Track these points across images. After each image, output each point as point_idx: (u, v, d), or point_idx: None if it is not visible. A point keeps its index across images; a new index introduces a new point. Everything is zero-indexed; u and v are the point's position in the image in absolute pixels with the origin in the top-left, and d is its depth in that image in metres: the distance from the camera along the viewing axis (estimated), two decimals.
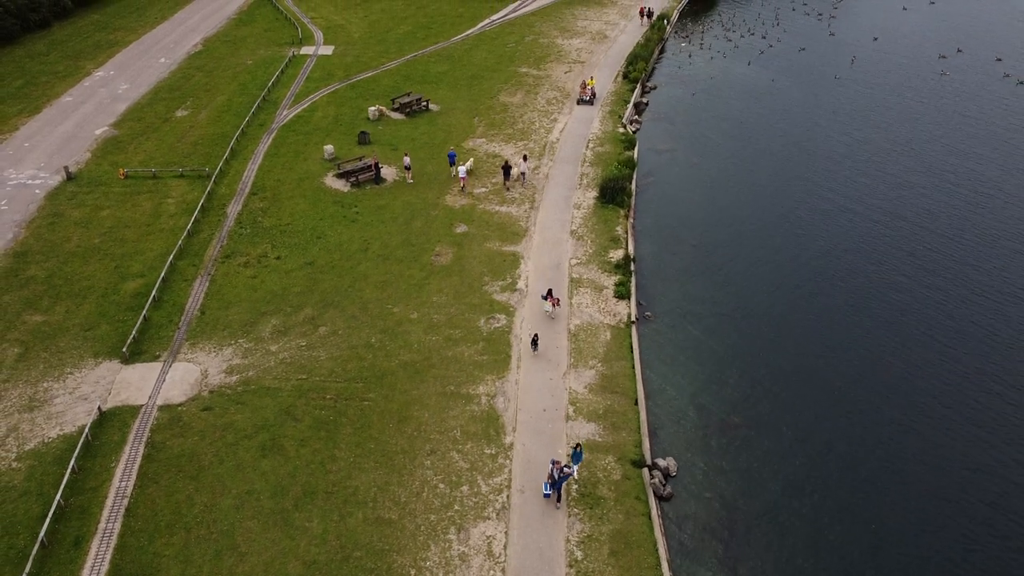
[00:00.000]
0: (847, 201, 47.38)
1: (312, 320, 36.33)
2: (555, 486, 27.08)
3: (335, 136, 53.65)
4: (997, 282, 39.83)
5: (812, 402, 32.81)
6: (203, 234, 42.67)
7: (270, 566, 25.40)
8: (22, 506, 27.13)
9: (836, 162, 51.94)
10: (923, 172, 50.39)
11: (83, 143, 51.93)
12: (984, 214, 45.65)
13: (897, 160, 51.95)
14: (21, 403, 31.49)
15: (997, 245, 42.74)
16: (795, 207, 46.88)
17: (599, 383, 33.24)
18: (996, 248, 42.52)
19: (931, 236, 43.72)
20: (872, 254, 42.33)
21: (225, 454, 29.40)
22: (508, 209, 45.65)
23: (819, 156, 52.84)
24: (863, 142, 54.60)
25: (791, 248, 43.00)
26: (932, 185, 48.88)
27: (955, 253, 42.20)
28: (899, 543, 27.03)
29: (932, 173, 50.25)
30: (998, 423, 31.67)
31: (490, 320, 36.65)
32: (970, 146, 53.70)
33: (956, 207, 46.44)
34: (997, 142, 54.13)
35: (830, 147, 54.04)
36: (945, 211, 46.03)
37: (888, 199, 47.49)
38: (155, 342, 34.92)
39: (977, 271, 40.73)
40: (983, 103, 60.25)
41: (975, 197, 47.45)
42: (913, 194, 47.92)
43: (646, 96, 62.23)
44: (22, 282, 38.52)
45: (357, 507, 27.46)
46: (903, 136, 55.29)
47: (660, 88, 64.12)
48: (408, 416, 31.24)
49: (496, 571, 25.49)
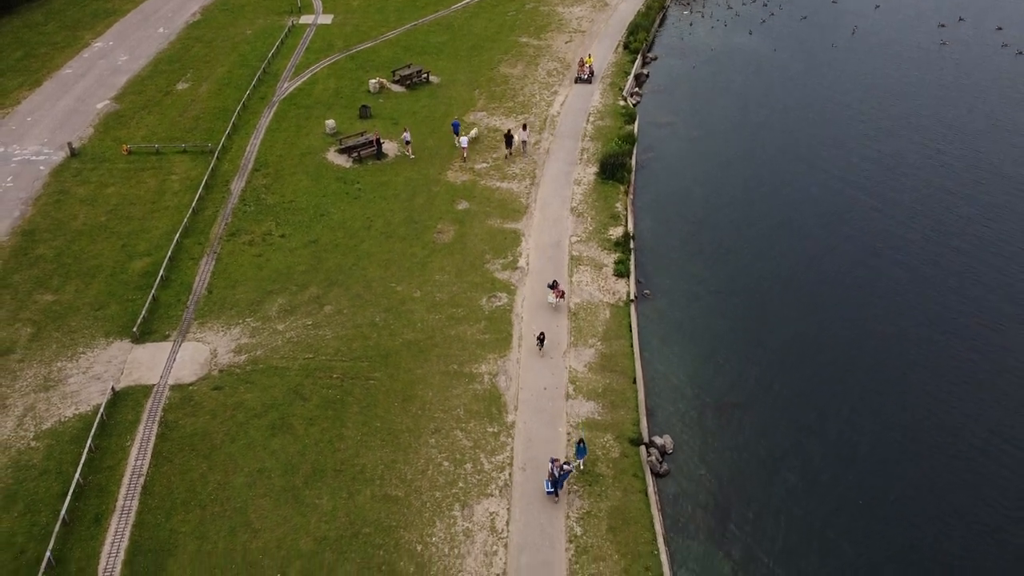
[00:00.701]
0: (848, 175, 47.82)
1: (317, 299, 37.08)
2: (557, 484, 27.63)
3: (336, 110, 53.81)
4: (999, 258, 40.48)
5: (808, 381, 33.72)
6: (208, 212, 43.20)
7: (283, 542, 26.52)
8: (43, 484, 28.17)
9: (837, 135, 52.23)
10: (923, 145, 50.71)
11: (85, 118, 52.10)
12: (985, 187, 46.12)
13: (897, 133, 52.23)
14: (36, 383, 32.39)
15: (997, 219, 43.31)
16: (795, 181, 47.34)
17: (598, 362, 34.13)
18: (995, 222, 43.09)
19: (932, 212, 44.27)
20: (873, 230, 42.93)
21: (236, 433, 30.38)
22: (509, 185, 46.11)
23: (820, 129, 53.11)
24: (864, 114, 54.79)
25: (791, 224, 43.58)
26: (932, 158, 49.25)
27: (955, 229, 42.80)
28: (890, 520, 28.15)
29: (932, 146, 50.58)
30: (997, 400, 32.60)
31: (492, 299, 37.41)
32: (968, 119, 53.92)
33: (956, 181, 46.89)
34: (994, 114, 54.32)
35: (831, 119, 54.26)
36: (946, 186, 46.49)
37: (889, 174, 47.91)
38: (164, 321, 35.71)
39: (978, 248, 41.37)
40: (982, 74, 60.25)
41: (975, 171, 47.85)
42: (914, 169, 48.34)
43: (647, 67, 62.16)
44: (31, 261, 39.16)
45: (365, 484, 28.52)
46: (903, 109, 55.46)
47: (661, 59, 64.00)
48: (413, 395, 32.18)
49: (499, 547, 26.63)
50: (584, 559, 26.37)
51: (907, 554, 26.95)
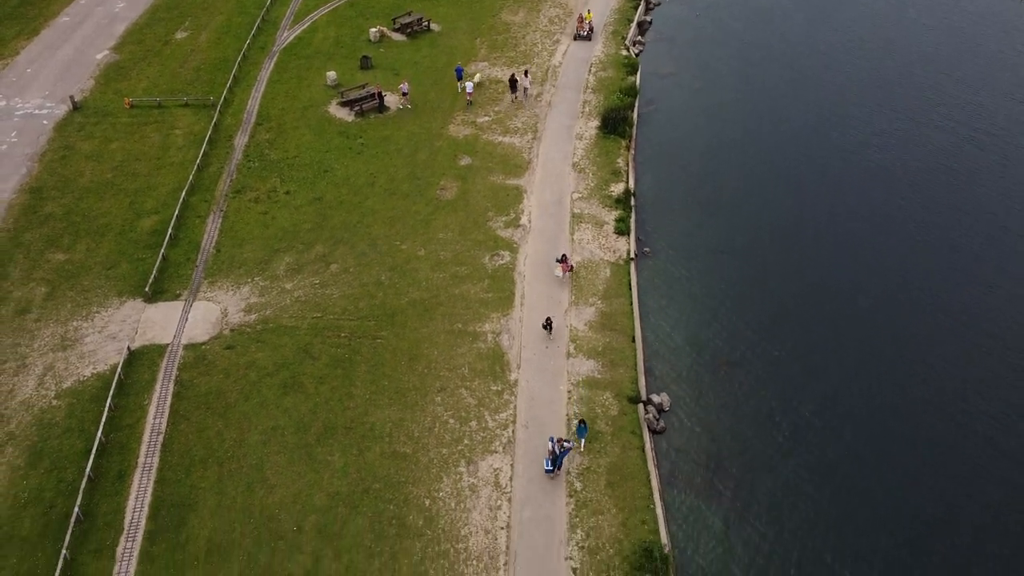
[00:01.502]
0: (857, 129, 47.89)
1: (324, 257, 37.84)
2: (556, 461, 28.45)
3: (337, 60, 53.53)
4: (1007, 218, 40.99)
5: (803, 340, 34.73)
6: (212, 168, 43.57)
7: (298, 497, 27.93)
8: (67, 442, 29.46)
9: (845, 85, 52.10)
10: (931, 100, 50.62)
11: (86, 69, 51.89)
12: (992, 144, 46.31)
13: (910, 83, 52.07)
14: (54, 342, 33.43)
15: (1002, 179, 43.72)
16: (799, 135, 47.51)
17: (599, 320, 35.11)
18: (1000, 182, 43.52)
19: (940, 169, 44.57)
20: (878, 187, 43.29)
21: (249, 391, 31.55)
22: (511, 140, 46.34)
23: (823, 79, 52.93)
24: (875, 63, 54.49)
25: (792, 180, 44.00)
26: (946, 108, 49.23)
27: (962, 186, 43.19)
28: (876, 477, 29.52)
29: (946, 96, 50.48)
30: (992, 356, 33.60)
31: (494, 257, 38.16)
32: (983, 66, 53.68)
33: (972, 135, 46.87)
34: (1002, 66, 54.06)
35: (840, 67, 54.01)
36: (961, 140, 46.53)
37: (900, 126, 47.95)
38: (175, 281, 36.56)
39: (985, 208, 41.88)
40: (995, 18, 59.66)
41: (989, 121, 47.78)
42: (926, 120, 48.32)
43: (649, 14, 61.44)
44: (41, 219, 39.78)
45: (374, 442, 29.82)
46: (914, 56, 55.12)
47: (664, 4, 63.16)
48: (419, 354, 33.25)
49: (503, 501, 28.06)
50: (584, 513, 27.82)
51: (891, 511, 28.39)
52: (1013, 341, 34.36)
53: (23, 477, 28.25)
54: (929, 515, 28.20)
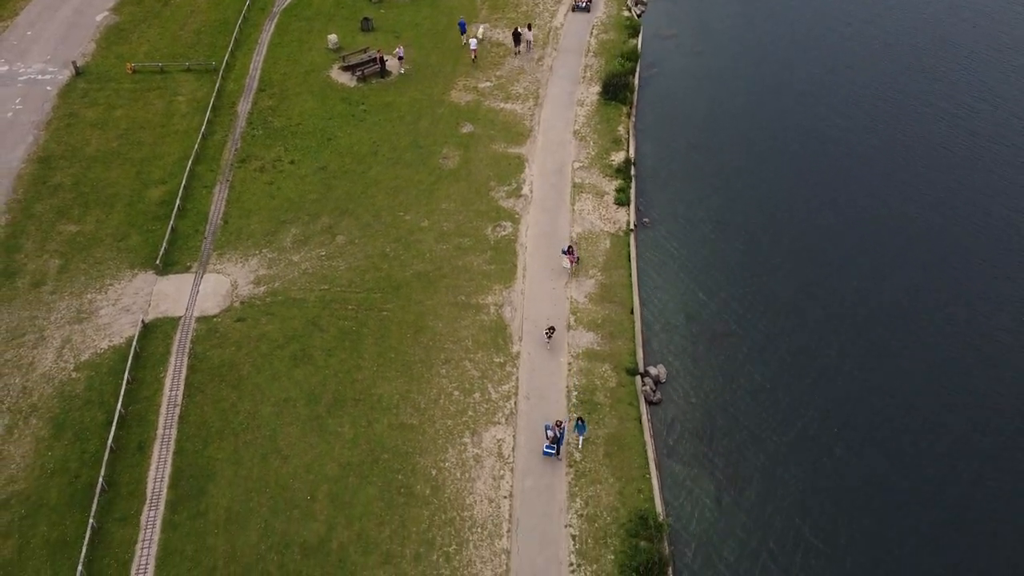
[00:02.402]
0: (860, 98, 48.09)
1: (329, 229, 38.62)
2: (556, 444, 29.42)
3: (337, 21, 53.36)
4: (1008, 201, 41.64)
5: (798, 313, 35.76)
6: (217, 136, 43.99)
7: (311, 467, 29.33)
8: (87, 414, 30.75)
9: (848, 48, 52.05)
10: (945, 69, 50.57)
11: (86, 31, 51.77)
12: (1010, 125, 46.55)
13: (916, 52, 52.01)
14: (70, 315, 34.47)
15: (1007, 166, 44.22)
16: (802, 102, 47.75)
17: (598, 292, 36.10)
18: (1003, 167, 44.02)
19: (950, 142, 44.88)
20: (883, 156, 43.76)
21: (261, 364, 32.73)
22: (513, 107, 46.62)
23: (829, 42, 52.83)
24: (878, 29, 54.31)
25: (792, 150, 44.45)
26: (952, 82, 49.40)
27: (970, 161, 43.65)
28: (871, 451, 30.91)
29: (953, 70, 50.52)
30: (994, 349, 34.70)
31: (497, 228, 38.94)
32: (997, 45, 53.55)
33: (977, 113, 47.23)
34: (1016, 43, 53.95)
35: (841, 32, 53.86)
36: (967, 115, 46.82)
37: (906, 97, 48.17)
38: (185, 252, 37.42)
39: (990, 183, 42.46)
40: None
41: (998, 102, 48.09)
42: (932, 90, 48.55)
43: None
44: (51, 190, 40.41)
45: (382, 413, 31.11)
46: (920, 23, 54.88)
47: None
48: (424, 326, 34.33)
49: (506, 471, 29.48)
50: (583, 482, 29.27)
51: (881, 480, 29.83)
52: (1010, 321, 35.41)
53: (48, 448, 29.61)
54: (919, 482, 29.64)
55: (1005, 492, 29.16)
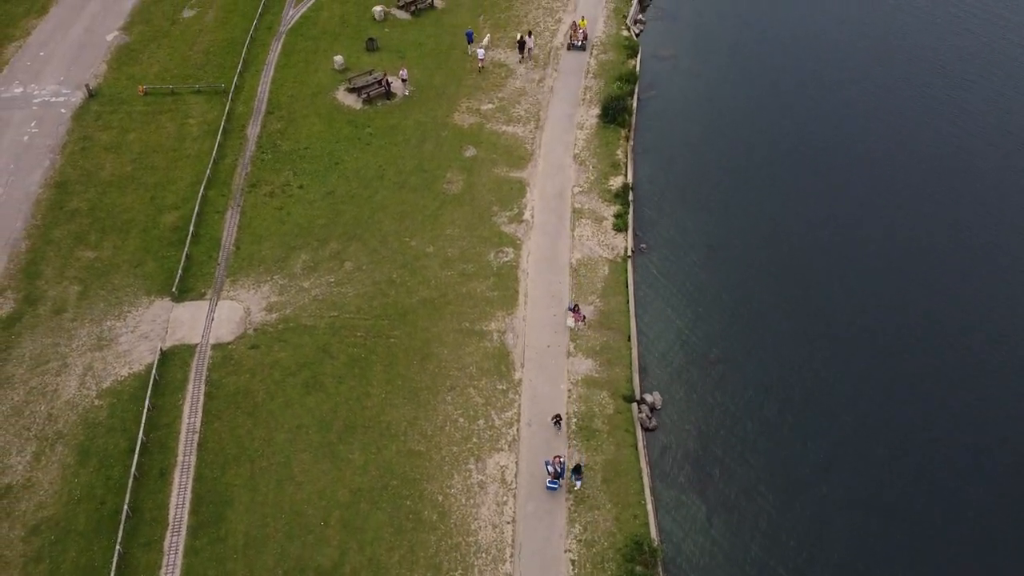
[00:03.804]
0: (858, 120, 48.92)
1: (338, 255, 40.05)
2: (559, 477, 30.90)
3: (343, 40, 54.53)
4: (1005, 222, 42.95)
5: (793, 339, 37.17)
6: (227, 160, 45.33)
7: (323, 493, 30.94)
8: (111, 441, 32.33)
9: (847, 73, 53.21)
10: (947, 95, 51.09)
11: (97, 52, 52.94)
12: (1009, 141, 47.47)
13: (914, 74, 53.08)
14: (91, 342, 35.98)
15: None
16: (798, 123, 48.88)
17: (597, 319, 37.59)
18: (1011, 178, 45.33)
19: (950, 168, 45.53)
20: (882, 179, 44.57)
21: (274, 391, 34.28)
22: (514, 129, 47.92)
23: (827, 61, 54.01)
24: (876, 50, 55.47)
25: (789, 172, 45.65)
26: (956, 107, 49.96)
27: (971, 185, 44.38)
28: (860, 478, 32.50)
29: (958, 94, 51.27)
30: (995, 378, 35.92)
31: (499, 254, 40.37)
32: (1001, 59, 54.77)
33: (979, 135, 47.74)
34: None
35: (840, 51, 55.03)
36: (968, 137, 47.55)
37: (907, 124, 48.60)
38: (199, 279, 38.87)
39: (993, 205, 43.45)
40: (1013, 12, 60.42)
41: (999, 121, 48.83)
42: (932, 116, 49.14)
43: None
44: (68, 215, 41.81)
45: (391, 440, 32.70)
46: (919, 46, 56.03)
47: None
48: (430, 353, 35.85)
49: (508, 496, 31.10)
50: (581, 508, 30.90)
51: (876, 507, 31.43)
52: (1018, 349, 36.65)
53: (74, 475, 31.21)
54: (914, 508, 31.13)
55: (1009, 538, 30.50)
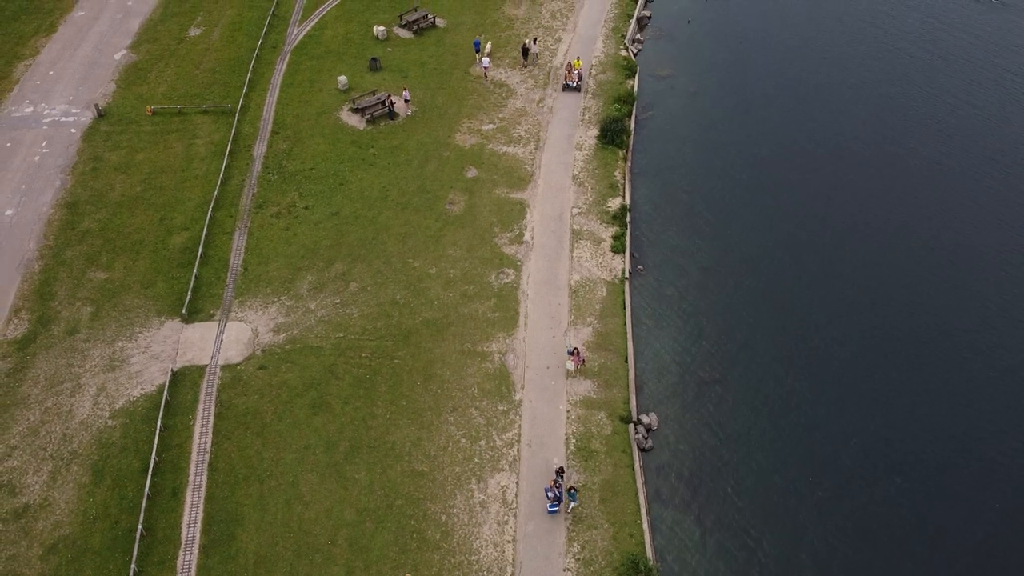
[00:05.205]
0: (856, 139, 50.10)
1: (343, 276, 41.12)
2: (558, 500, 31.95)
3: (347, 60, 55.59)
4: (1000, 233, 44.09)
5: (788, 359, 38.30)
6: (234, 180, 46.39)
7: (330, 513, 32.02)
8: (124, 461, 33.40)
9: (845, 90, 54.33)
10: (942, 106, 52.45)
11: (105, 71, 53.98)
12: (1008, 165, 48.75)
13: (913, 92, 54.31)
14: (103, 363, 37.03)
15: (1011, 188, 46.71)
16: (795, 142, 50.00)
17: (595, 341, 38.68)
18: (998, 195, 46.49)
19: (948, 188, 46.72)
20: (878, 201, 45.74)
21: (282, 411, 35.35)
22: (515, 150, 49.00)
23: (826, 82, 55.14)
24: (875, 67, 56.58)
25: (785, 193, 46.77)
26: (954, 121, 51.47)
27: (971, 205, 45.54)
28: (860, 497, 33.61)
29: (954, 109, 52.54)
30: (992, 395, 37.25)
31: (500, 275, 41.46)
32: (1004, 76, 55.90)
33: (981, 148, 48.99)
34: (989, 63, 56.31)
35: (841, 72, 56.14)
36: (968, 158, 48.63)
37: (903, 145, 49.73)
38: (208, 300, 39.93)
39: (993, 222, 44.61)
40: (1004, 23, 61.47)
41: (1003, 133, 50.08)
42: (932, 136, 50.43)
43: (649, 7, 62.98)
44: (80, 236, 42.85)
45: (396, 460, 33.78)
46: (918, 64, 57.16)
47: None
48: (432, 374, 36.93)
49: (509, 516, 32.19)
50: (580, 527, 32.00)
51: (871, 527, 32.57)
52: (1012, 360, 37.84)
53: (89, 494, 32.28)
54: (910, 525, 32.22)
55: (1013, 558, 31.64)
